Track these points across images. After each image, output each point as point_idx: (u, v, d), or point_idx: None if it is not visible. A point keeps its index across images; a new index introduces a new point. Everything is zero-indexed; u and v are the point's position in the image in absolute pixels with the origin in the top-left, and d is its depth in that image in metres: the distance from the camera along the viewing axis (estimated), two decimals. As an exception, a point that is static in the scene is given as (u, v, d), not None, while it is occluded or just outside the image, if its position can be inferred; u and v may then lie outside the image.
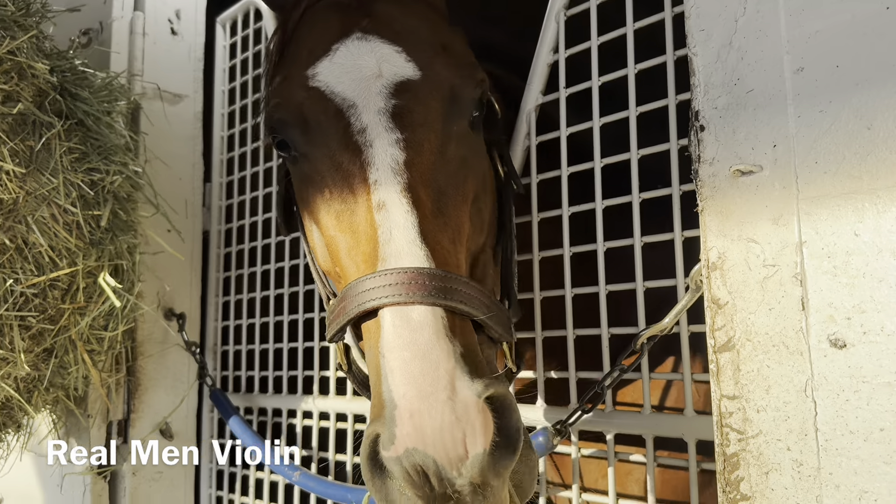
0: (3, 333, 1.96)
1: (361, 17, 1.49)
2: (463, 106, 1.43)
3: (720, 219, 1.08)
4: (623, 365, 1.38)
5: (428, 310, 1.13)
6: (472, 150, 1.46)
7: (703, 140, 1.11)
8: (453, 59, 1.46)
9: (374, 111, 1.35)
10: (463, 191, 1.37)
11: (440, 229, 1.26)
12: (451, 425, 1.02)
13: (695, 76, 1.13)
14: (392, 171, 1.29)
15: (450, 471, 1.02)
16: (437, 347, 1.08)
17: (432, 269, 1.16)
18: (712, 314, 1.09)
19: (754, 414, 1.03)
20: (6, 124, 1.91)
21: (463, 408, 1.04)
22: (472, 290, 1.20)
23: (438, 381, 1.05)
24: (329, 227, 1.36)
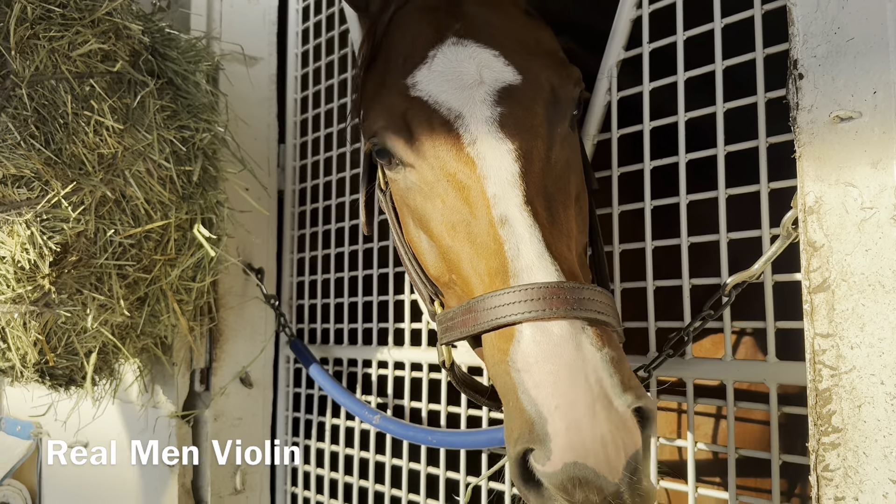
0: (103, 281, 2.09)
1: (454, 21, 1.50)
2: (564, 107, 1.45)
3: (818, 164, 1.12)
4: (710, 311, 1.42)
5: (569, 323, 1.14)
6: (573, 151, 1.48)
7: (802, 88, 1.14)
8: (549, 59, 1.47)
9: (481, 121, 1.36)
10: (568, 193, 1.39)
11: (558, 239, 1.28)
12: (610, 438, 1.05)
13: (793, 26, 1.16)
14: (509, 183, 1.30)
15: (609, 480, 1.05)
16: (583, 359, 1.10)
17: (566, 283, 1.18)
18: (808, 256, 1.13)
19: (848, 350, 1.07)
20: (105, 82, 2.01)
21: (618, 419, 1.07)
22: (606, 299, 1.22)
23: (590, 393, 1.07)
24: (444, 237, 1.38)
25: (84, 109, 1.94)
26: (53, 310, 2.01)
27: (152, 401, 2.74)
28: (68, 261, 1.97)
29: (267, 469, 2.81)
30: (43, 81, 1.90)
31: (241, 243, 2.71)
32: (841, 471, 1.07)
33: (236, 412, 2.74)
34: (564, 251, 1.27)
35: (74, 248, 1.97)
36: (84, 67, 1.97)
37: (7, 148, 1.84)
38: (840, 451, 1.07)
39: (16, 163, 1.84)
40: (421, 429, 1.95)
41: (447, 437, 1.89)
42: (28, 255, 1.87)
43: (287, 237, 2.89)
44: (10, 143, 1.84)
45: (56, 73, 1.91)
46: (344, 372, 2.56)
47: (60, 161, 1.91)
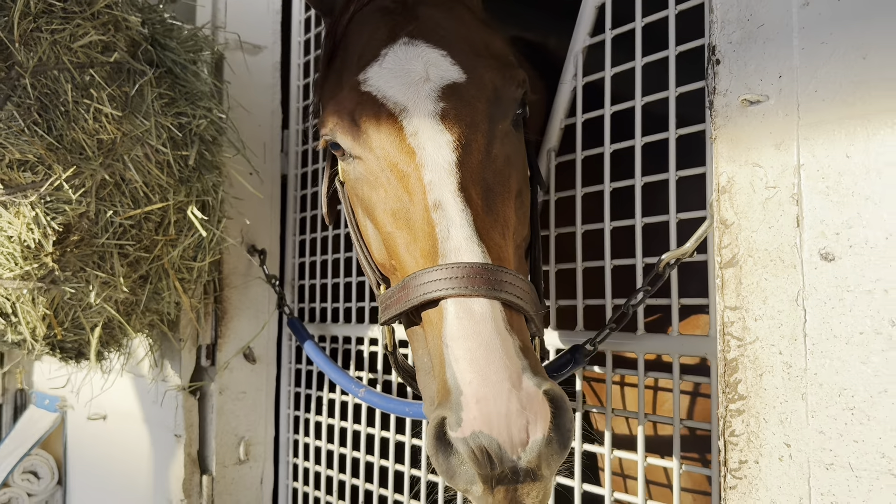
0: (105, 260, 2.22)
1: (407, 23, 1.58)
2: (506, 106, 1.52)
3: (730, 146, 1.17)
4: (648, 287, 1.49)
5: (488, 302, 1.23)
6: (514, 148, 1.54)
7: (719, 73, 1.20)
8: (495, 61, 1.54)
9: (424, 114, 1.44)
10: (508, 187, 1.46)
11: (491, 226, 1.35)
12: (515, 413, 1.13)
13: (713, 13, 1.21)
14: (445, 171, 1.38)
15: (510, 454, 1.14)
16: (499, 339, 1.19)
17: (490, 265, 1.26)
18: (720, 234, 1.19)
19: (752, 322, 1.13)
20: (104, 72, 2.14)
21: (526, 397, 1.15)
22: (523, 284, 1.29)
23: (502, 371, 1.16)
24: (385, 223, 1.46)
25: (84, 98, 2.06)
26: (59, 286, 2.15)
27: (161, 375, 2.89)
28: (71, 240, 2.10)
29: (270, 440, 2.95)
30: (45, 72, 2.02)
31: (244, 225, 2.83)
32: (745, 436, 1.14)
33: (240, 386, 2.87)
34: (497, 238, 1.34)
35: (77, 229, 2.11)
36: (84, 58, 2.09)
37: (12, 134, 1.97)
38: (744, 418, 1.14)
39: (20, 148, 1.97)
40: (400, 401, 2.04)
41: (421, 409, 1.98)
42: (33, 235, 2.01)
43: (290, 220, 3.00)
44: (14, 129, 1.97)
45: (58, 63, 2.04)
46: (339, 348, 2.67)
47: (62, 146, 2.04)
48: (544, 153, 1.91)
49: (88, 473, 3.60)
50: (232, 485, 2.83)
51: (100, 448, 3.45)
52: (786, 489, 1.08)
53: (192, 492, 2.76)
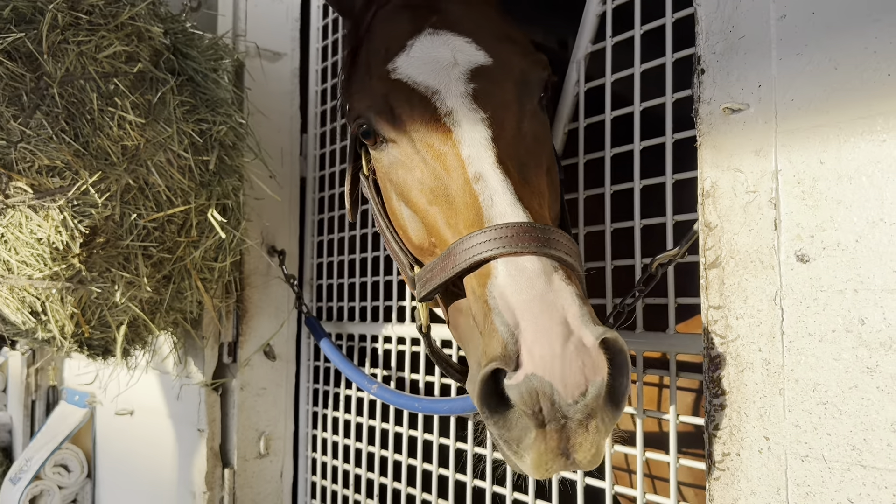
0: (130, 261, 2.32)
1: (430, 15, 1.63)
2: (532, 87, 1.57)
3: (714, 152, 1.23)
4: (642, 287, 1.54)
5: (538, 259, 1.24)
6: (543, 127, 1.60)
7: (703, 82, 1.25)
8: (518, 47, 1.60)
9: (456, 95, 1.48)
10: (539, 163, 1.51)
11: (530, 196, 1.39)
12: (570, 355, 1.12)
13: (698, 25, 1.27)
14: (482, 146, 1.42)
15: (565, 397, 1.11)
16: (554, 290, 1.19)
17: (535, 224, 1.28)
18: (704, 236, 1.24)
19: (734, 321, 1.18)
20: (128, 81, 2.23)
21: (580, 343, 1.13)
22: (570, 243, 1.31)
23: (557, 318, 1.15)
24: (424, 202, 1.50)
25: (109, 106, 2.16)
26: (86, 286, 2.26)
27: (185, 371, 3.00)
28: (97, 242, 2.20)
29: (290, 435, 3.04)
30: (72, 81, 2.12)
31: (264, 227, 2.92)
32: (727, 429, 1.19)
33: (261, 382, 2.96)
34: (536, 206, 1.38)
35: (102, 231, 2.21)
36: (109, 68, 2.19)
37: (41, 141, 2.08)
38: (727, 412, 1.19)
39: (49, 154, 2.08)
40: (410, 397, 2.11)
41: (431, 405, 2.05)
42: (61, 237, 2.11)
43: (309, 221, 3.08)
44: (43, 137, 2.08)
45: (84, 73, 2.14)
46: (355, 346, 2.75)
47: (88, 153, 2.14)
48: (549, 157, 1.97)
49: (116, 466, 3.73)
50: (253, 478, 2.92)
51: (127, 442, 3.57)
52: (765, 480, 1.13)
53: (214, 484, 2.85)
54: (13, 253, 2.17)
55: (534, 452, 1.17)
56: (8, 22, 2.10)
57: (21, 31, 2.08)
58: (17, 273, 2.20)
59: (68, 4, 2.13)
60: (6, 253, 2.18)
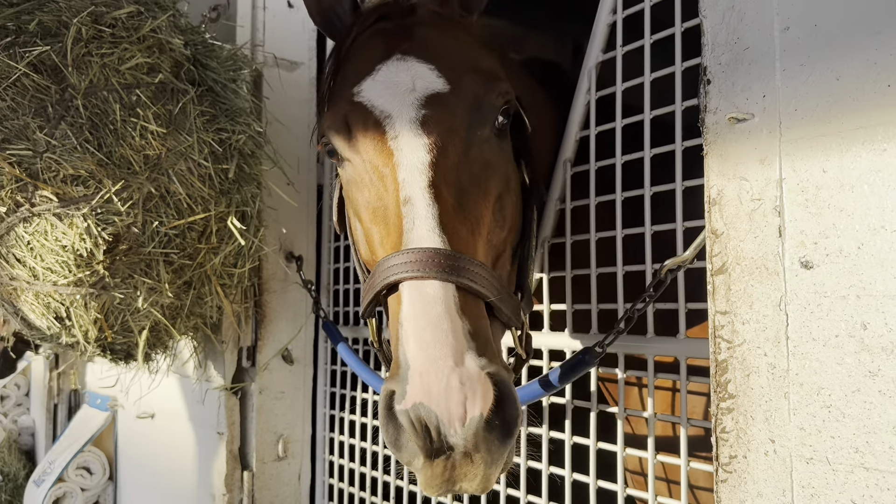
0: (152, 267, 2.38)
1: (402, 41, 1.68)
2: (486, 113, 1.59)
3: (720, 161, 1.25)
4: (651, 292, 1.56)
5: (440, 285, 1.29)
6: (496, 154, 1.61)
7: (709, 92, 1.28)
8: (479, 73, 1.63)
9: (405, 120, 1.54)
10: (485, 189, 1.53)
11: (459, 221, 1.43)
12: (455, 388, 1.18)
13: (704, 36, 1.29)
14: (417, 170, 1.46)
15: (448, 427, 1.18)
16: (447, 319, 1.25)
17: (446, 250, 1.33)
18: (711, 243, 1.27)
19: (740, 326, 1.21)
20: (150, 92, 2.29)
21: (466, 375, 1.19)
22: (483, 272, 1.36)
23: (446, 349, 1.21)
24: (367, 221, 1.56)
25: (131, 116, 2.22)
26: (109, 292, 2.31)
27: (205, 375, 3.05)
28: (120, 249, 2.26)
29: (308, 438, 3.08)
30: (96, 93, 2.18)
31: (282, 233, 2.97)
32: (734, 432, 1.21)
33: (279, 386, 3.01)
34: (464, 233, 1.41)
35: (125, 238, 2.26)
36: (131, 79, 2.25)
37: (66, 152, 2.14)
38: (734, 415, 1.21)
39: (73, 164, 2.14)
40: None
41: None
42: (85, 244, 2.17)
43: (325, 227, 3.13)
44: (68, 147, 2.14)
45: (107, 85, 2.20)
46: (372, 350, 2.79)
47: (111, 162, 2.20)
48: (560, 164, 2.00)
49: (137, 469, 3.79)
50: (271, 480, 2.97)
51: (148, 445, 3.63)
52: (771, 482, 1.15)
53: (233, 486, 2.90)
54: (39, 260, 2.23)
55: (422, 477, 1.24)
56: (34, 35, 2.16)
57: (46, 44, 2.15)
58: (42, 279, 2.26)
59: (92, 18, 2.19)
60: (32, 260, 2.24)
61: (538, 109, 2.05)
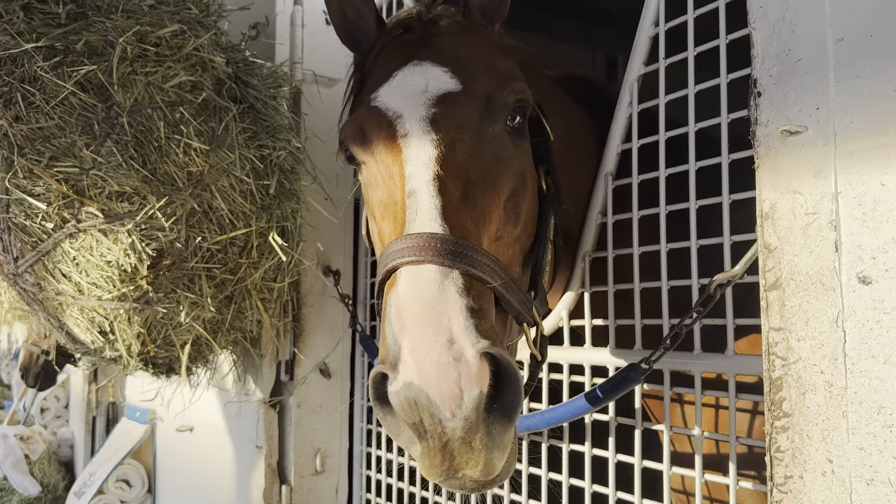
0: (194, 282, 2.41)
1: (421, 49, 1.71)
2: (497, 110, 1.60)
3: (772, 174, 1.23)
4: (700, 308, 1.54)
5: (437, 268, 1.26)
6: (509, 151, 1.61)
7: (760, 105, 1.26)
8: (494, 73, 1.64)
9: (416, 118, 1.55)
10: (495, 184, 1.53)
11: (464, 212, 1.41)
12: (446, 366, 1.13)
13: (754, 48, 1.28)
14: (424, 165, 1.47)
15: (442, 408, 1.12)
16: (442, 301, 1.21)
17: (445, 235, 1.31)
18: (764, 258, 1.24)
19: (795, 343, 1.18)
20: (193, 109, 2.33)
21: (459, 353, 1.14)
22: (486, 259, 1.32)
23: (439, 328, 1.17)
24: (378, 218, 1.58)
25: (175, 134, 2.26)
26: (152, 307, 2.34)
27: (244, 389, 3.07)
28: (163, 264, 2.29)
29: (345, 452, 3.08)
30: (140, 110, 2.22)
31: (320, 248, 2.99)
32: (790, 452, 1.18)
33: (317, 400, 3.02)
34: (469, 224, 1.40)
35: (168, 254, 2.30)
36: (175, 97, 2.29)
37: (111, 168, 2.18)
38: (789, 434, 1.19)
39: (118, 181, 2.17)
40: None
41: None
42: (129, 260, 2.20)
43: (362, 242, 3.15)
44: (113, 164, 2.18)
45: (151, 103, 2.24)
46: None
47: (155, 178, 2.23)
48: (601, 177, 1.99)
49: (175, 482, 3.82)
50: (309, 494, 2.97)
51: (186, 458, 3.66)
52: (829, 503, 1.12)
53: (271, 500, 2.91)
54: (84, 275, 2.27)
55: (422, 467, 1.20)
56: (81, 55, 2.21)
57: (93, 63, 2.19)
58: (87, 294, 2.30)
59: (137, 37, 2.23)
60: (77, 275, 2.28)
61: (568, 123, 2.07)
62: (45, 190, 2.18)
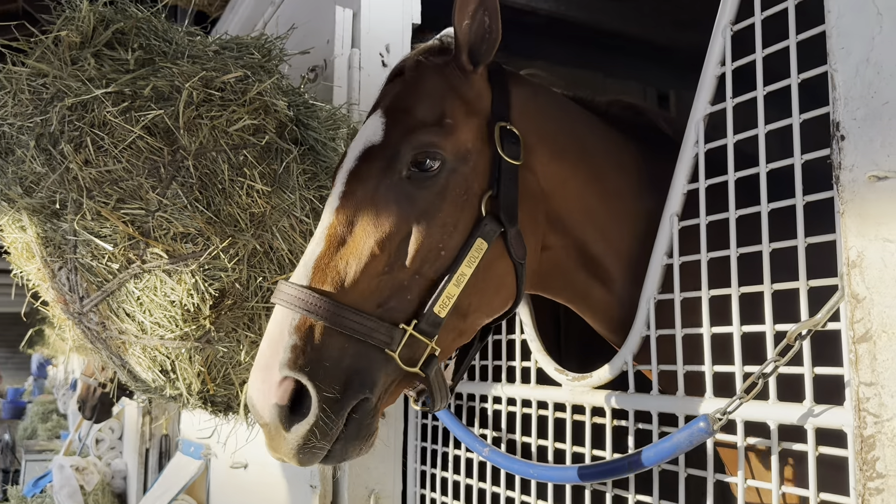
0: (254, 321, 2.42)
1: (383, 99, 1.92)
2: (399, 162, 1.74)
3: (859, 221, 1.18)
4: (778, 357, 1.48)
5: (281, 310, 1.61)
6: (409, 197, 1.73)
7: (844, 148, 1.22)
8: (411, 125, 1.78)
9: (343, 171, 1.80)
10: (383, 227, 1.69)
11: (340, 256, 1.67)
12: (261, 387, 1.55)
13: (835, 90, 1.24)
14: (326, 215, 1.74)
15: (259, 412, 1.56)
16: (280, 334, 1.58)
17: (297, 284, 1.62)
18: (851, 308, 1.19)
19: (889, 399, 1.12)
20: (256, 152, 2.37)
21: (269, 378, 1.54)
22: (319, 301, 1.59)
23: (269, 356, 1.57)
24: None
25: (238, 176, 2.29)
26: (213, 346, 2.36)
27: (299, 427, 3.06)
28: (225, 304, 2.31)
29: (398, 494, 3.04)
30: (205, 154, 2.27)
31: (374, 286, 2.99)
32: (885, 515, 1.12)
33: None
34: (341, 266, 1.66)
35: (230, 293, 2.32)
36: (239, 140, 2.33)
37: (177, 210, 2.22)
38: (884, 497, 1.12)
39: (183, 222, 2.21)
40: (525, 462, 2.09)
41: (546, 472, 2.02)
42: (192, 300, 2.23)
43: (417, 280, 3.14)
44: (178, 206, 2.22)
45: (216, 146, 2.28)
46: (464, 405, 2.75)
47: (219, 220, 2.26)
48: (667, 218, 1.94)
49: (229, 519, 3.82)
50: (363, 536, 2.93)
51: (240, 495, 3.66)
52: (932, 573, 1.05)
53: (325, 541, 2.88)
54: (147, 314, 2.31)
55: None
56: (148, 100, 2.27)
57: (160, 108, 2.25)
58: (150, 333, 2.33)
59: (203, 82, 2.29)
60: (141, 314, 2.31)
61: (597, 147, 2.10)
62: (112, 231, 2.23)
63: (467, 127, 1.83)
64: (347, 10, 3.12)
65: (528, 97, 2.00)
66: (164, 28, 2.48)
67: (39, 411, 15.41)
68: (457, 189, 1.79)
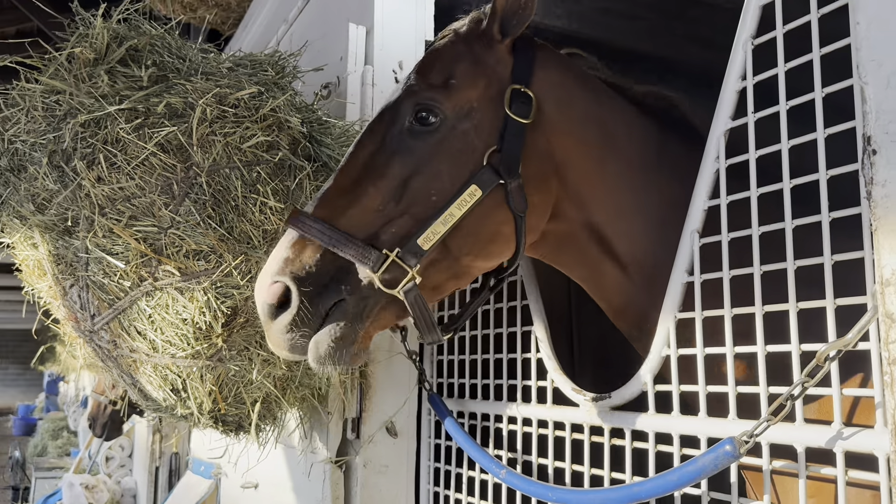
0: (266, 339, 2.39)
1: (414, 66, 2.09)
2: (402, 115, 1.94)
3: (893, 238, 1.15)
4: (807, 379, 1.43)
5: (289, 231, 1.84)
6: (408, 148, 1.92)
7: (876, 163, 1.18)
8: (420, 85, 1.97)
9: (367, 126, 2.02)
10: (383, 173, 1.89)
11: (341, 195, 1.88)
12: (262, 285, 1.80)
13: (866, 104, 1.20)
14: (345, 159, 1.97)
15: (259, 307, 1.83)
16: (276, 253, 1.82)
17: (304, 213, 1.83)
18: (886, 328, 1.15)
19: (927, 423, 1.08)
20: (269, 168, 2.35)
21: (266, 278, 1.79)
22: (319, 226, 1.79)
23: (266, 268, 1.81)
24: None
25: (251, 193, 2.28)
26: (225, 364, 2.33)
27: (310, 447, 3.03)
28: (237, 322, 2.29)
29: (411, 516, 2.99)
30: (218, 170, 2.25)
31: (387, 304, 2.96)
32: (926, 545, 1.07)
33: (383, 460, 2.95)
34: (340, 204, 1.86)
35: (242, 311, 2.29)
36: (252, 157, 2.31)
37: (189, 227, 2.20)
38: (924, 525, 1.07)
39: (196, 239, 2.19)
40: (542, 485, 2.04)
41: (566, 495, 1.97)
42: (205, 318, 2.20)
43: (430, 297, 3.11)
44: (191, 223, 2.20)
45: (229, 163, 2.27)
46: (478, 425, 2.70)
47: (232, 237, 2.24)
48: (687, 235, 1.91)
49: (239, 539, 3.77)
50: (375, 558, 2.88)
51: (251, 515, 3.62)
52: None
53: (337, 563, 2.83)
54: (159, 333, 2.28)
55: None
56: (162, 117, 2.25)
57: (173, 124, 2.23)
58: (161, 352, 2.30)
59: (216, 99, 2.27)
60: (152, 332, 2.29)
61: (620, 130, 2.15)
62: (124, 249, 2.21)
63: (473, 87, 1.98)
64: (360, 27, 3.11)
65: (555, 70, 2.09)
66: (178, 45, 2.47)
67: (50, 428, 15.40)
68: (455, 142, 1.94)
